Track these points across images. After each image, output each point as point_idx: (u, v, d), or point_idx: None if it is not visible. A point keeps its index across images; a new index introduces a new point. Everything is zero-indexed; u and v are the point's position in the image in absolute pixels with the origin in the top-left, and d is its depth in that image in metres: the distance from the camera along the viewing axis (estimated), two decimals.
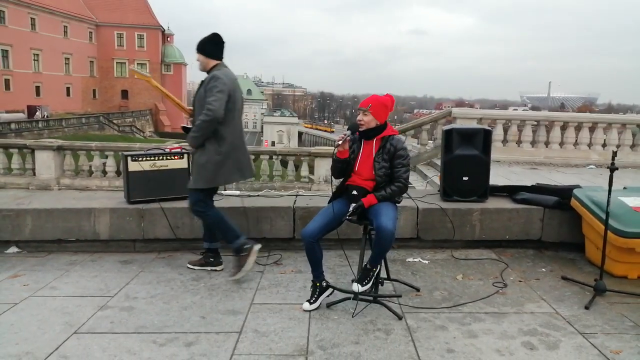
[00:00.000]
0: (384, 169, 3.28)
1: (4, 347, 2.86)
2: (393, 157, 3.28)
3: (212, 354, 2.79)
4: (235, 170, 3.88)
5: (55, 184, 10.43)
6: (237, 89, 3.85)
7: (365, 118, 3.28)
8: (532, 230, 4.53)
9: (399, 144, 3.31)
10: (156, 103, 63.62)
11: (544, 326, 3.12)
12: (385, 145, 3.30)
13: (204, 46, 3.84)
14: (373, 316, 3.24)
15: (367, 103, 3.30)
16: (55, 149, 10.46)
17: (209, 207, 3.96)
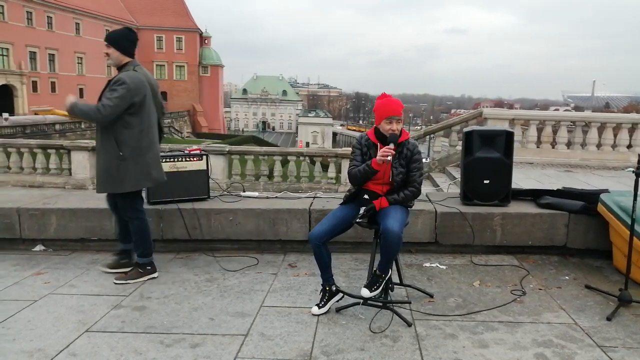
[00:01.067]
0: (402, 174, 3.21)
1: (18, 343, 2.95)
2: (410, 162, 3.21)
3: (216, 356, 2.80)
4: (144, 176, 3.80)
5: (90, 183, 10.75)
6: (147, 91, 3.73)
7: (399, 126, 3.20)
8: (556, 236, 4.36)
9: (415, 148, 3.25)
10: (194, 104, 64.95)
11: (560, 337, 2.98)
12: (403, 150, 3.23)
13: (119, 41, 3.71)
14: (382, 322, 3.17)
15: (399, 110, 3.19)
16: (90, 150, 10.79)
17: (138, 214, 3.91)
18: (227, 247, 4.65)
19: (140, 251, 3.98)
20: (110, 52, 3.69)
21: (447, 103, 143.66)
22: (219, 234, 4.58)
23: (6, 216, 4.68)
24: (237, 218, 4.54)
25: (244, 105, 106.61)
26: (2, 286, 3.85)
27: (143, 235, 3.95)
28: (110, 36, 3.72)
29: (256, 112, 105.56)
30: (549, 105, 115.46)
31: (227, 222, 4.55)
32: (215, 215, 4.56)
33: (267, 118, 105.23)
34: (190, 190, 4.75)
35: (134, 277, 3.91)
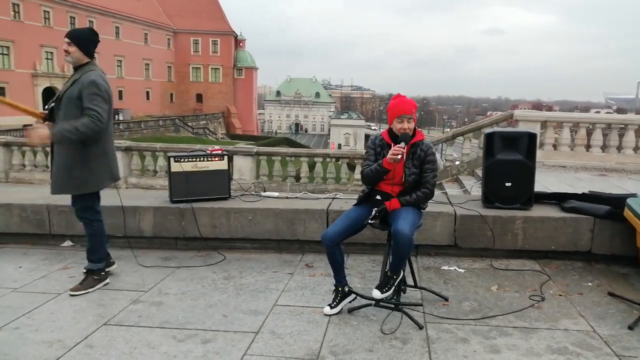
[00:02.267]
0: (414, 175, 3.19)
1: (40, 334, 3.07)
2: (423, 162, 3.19)
3: (225, 352, 2.84)
4: (107, 176, 3.74)
5: (123, 182, 11.05)
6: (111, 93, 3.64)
7: (411, 125, 3.19)
8: (580, 242, 4.23)
9: (429, 149, 3.22)
10: (228, 106, 65.94)
11: (577, 345, 2.90)
12: (416, 150, 3.20)
13: (83, 42, 3.58)
14: (393, 324, 3.15)
15: (411, 109, 3.18)
16: (124, 150, 11.09)
17: (97, 215, 3.82)
18: (246, 246, 4.72)
19: (97, 256, 3.81)
20: (72, 50, 3.55)
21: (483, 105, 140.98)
22: (239, 233, 4.65)
23: (37, 212, 4.88)
24: (256, 217, 4.59)
25: (277, 107, 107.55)
26: (31, 279, 4.02)
27: (101, 238, 3.82)
28: (74, 34, 3.60)
29: (289, 114, 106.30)
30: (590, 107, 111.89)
31: (247, 221, 4.61)
32: (234, 215, 4.62)
33: (299, 120, 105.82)
34: (212, 189, 4.83)
35: (91, 285, 3.74)
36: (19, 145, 11.65)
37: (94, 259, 3.83)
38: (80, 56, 3.60)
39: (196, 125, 56.64)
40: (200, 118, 60.08)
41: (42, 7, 44.69)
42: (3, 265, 4.35)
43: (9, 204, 4.91)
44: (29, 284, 3.90)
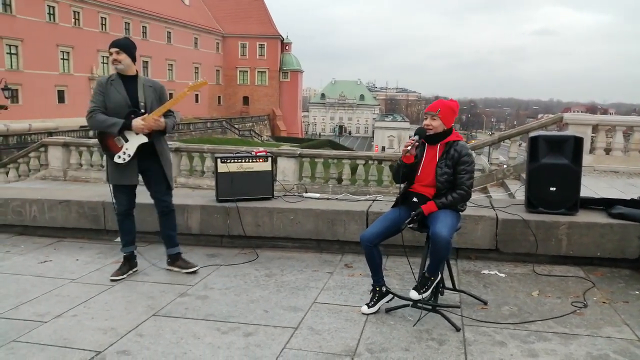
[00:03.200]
0: (447, 175, 3.21)
1: (96, 322, 3.29)
2: (457, 163, 3.21)
3: (266, 345, 2.96)
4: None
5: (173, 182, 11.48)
6: None
7: (433, 123, 3.24)
8: (628, 249, 4.11)
9: (464, 149, 3.23)
10: (274, 109, 66.87)
11: (619, 353, 2.84)
12: (449, 150, 3.24)
13: (131, 50, 3.96)
14: (430, 325, 3.19)
15: (436, 107, 3.25)
16: (173, 150, 11.51)
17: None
18: (288, 245, 4.85)
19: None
20: (122, 58, 3.89)
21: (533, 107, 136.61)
22: (281, 232, 4.78)
23: (93, 209, 5.19)
24: (297, 217, 4.71)
25: (321, 110, 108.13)
26: (87, 271, 4.29)
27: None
28: (122, 43, 3.94)
29: (333, 117, 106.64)
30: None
31: (288, 221, 4.74)
32: (277, 214, 4.76)
33: (344, 122, 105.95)
34: (256, 189, 4.99)
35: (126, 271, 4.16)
36: (77, 145, 12.31)
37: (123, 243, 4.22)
38: (129, 63, 3.93)
39: (242, 127, 57.69)
40: (247, 120, 61.17)
41: (100, 14, 46.87)
42: (62, 258, 4.65)
43: (68, 201, 5.24)
44: (85, 276, 4.17)
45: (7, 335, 3.09)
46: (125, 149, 3.96)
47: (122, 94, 3.92)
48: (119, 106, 3.91)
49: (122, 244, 4.22)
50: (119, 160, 3.96)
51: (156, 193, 4.22)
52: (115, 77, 3.98)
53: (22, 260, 4.60)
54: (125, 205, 4.15)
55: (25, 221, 5.33)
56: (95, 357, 2.83)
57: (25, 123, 35.21)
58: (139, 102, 3.96)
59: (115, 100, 3.91)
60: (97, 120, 3.89)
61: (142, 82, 4.02)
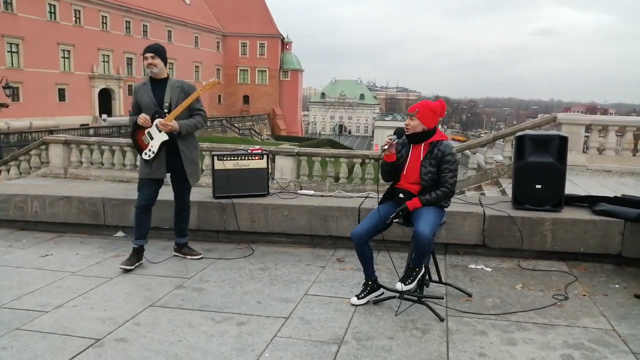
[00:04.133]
0: (431, 173, 3.35)
1: (95, 312, 3.43)
2: (440, 162, 3.34)
3: (258, 333, 3.10)
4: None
5: None
6: None
7: (412, 122, 3.39)
8: (610, 245, 4.25)
9: (447, 149, 3.36)
10: (274, 108, 67.01)
11: (593, 342, 2.98)
12: (433, 150, 3.37)
13: (164, 55, 4.27)
14: (416, 316, 3.33)
15: (415, 108, 3.41)
16: None
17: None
18: (282, 241, 4.99)
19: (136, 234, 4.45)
20: (157, 62, 4.20)
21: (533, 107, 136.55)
22: (275, 228, 4.92)
23: (93, 205, 5.33)
24: (291, 213, 4.85)
25: (321, 109, 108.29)
26: (87, 264, 4.43)
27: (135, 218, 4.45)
28: (156, 49, 4.24)
29: (333, 116, 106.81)
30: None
31: (283, 217, 4.88)
32: (272, 210, 4.90)
33: (344, 121, 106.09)
34: (252, 186, 5.13)
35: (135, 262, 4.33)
36: (77, 143, 12.44)
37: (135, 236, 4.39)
38: (163, 67, 4.26)
39: (242, 126, 57.85)
40: (247, 119, 61.32)
41: (101, 13, 46.98)
42: (63, 252, 4.80)
43: (69, 197, 5.38)
44: (85, 269, 4.31)
45: (11, 323, 3.23)
46: (150, 146, 4.26)
47: (149, 96, 4.24)
48: (147, 107, 4.24)
49: (135, 237, 4.39)
50: (145, 156, 4.29)
51: (177, 190, 4.51)
52: (147, 81, 4.32)
53: (24, 254, 4.75)
54: (147, 200, 4.35)
55: (27, 216, 5.48)
56: (94, 344, 2.97)
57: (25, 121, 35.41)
58: (164, 103, 4.23)
59: (144, 101, 4.26)
60: (131, 122, 4.37)
61: (171, 84, 4.31)
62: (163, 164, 4.28)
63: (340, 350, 2.89)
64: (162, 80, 4.28)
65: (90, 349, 2.91)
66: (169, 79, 4.31)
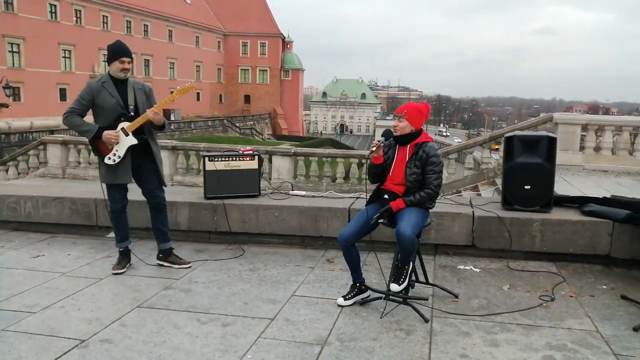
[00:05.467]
0: (415, 175, 3.36)
1: (82, 312, 3.45)
2: (425, 164, 3.35)
3: (242, 334, 3.12)
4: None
5: (169, 180, 11.64)
6: None
7: (400, 124, 3.40)
8: (599, 245, 4.25)
9: (432, 150, 3.37)
10: (275, 107, 67.04)
11: (576, 343, 2.99)
12: (418, 151, 3.38)
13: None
14: (401, 317, 3.34)
15: (402, 110, 3.42)
16: (170, 149, 11.68)
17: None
18: (273, 241, 5.00)
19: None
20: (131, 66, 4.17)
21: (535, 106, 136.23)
22: (266, 229, 4.93)
23: (86, 205, 5.35)
24: (282, 214, 4.87)
25: (323, 108, 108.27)
26: (77, 265, 4.45)
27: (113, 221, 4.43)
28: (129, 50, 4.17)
29: (335, 115, 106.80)
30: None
31: (274, 217, 4.89)
32: (262, 211, 4.92)
33: (345, 121, 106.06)
34: (243, 187, 5.14)
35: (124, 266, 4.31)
36: (75, 143, 12.48)
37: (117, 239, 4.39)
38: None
39: (243, 125, 57.87)
40: (248, 119, 61.34)
41: (101, 13, 47.05)
42: (54, 253, 4.82)
43: (62, 197, 5.40)
44: (76, 270, 4.33)
45: None
46: (115, 151, 4.10)
47: (115, 97, 4.07)
48: (112, 108, 4.06)
49: (117, 240, 4.37)
50: (109, 161, 4.11)
51: (150, 189, 4.35)
52: (107, 79, 4.12)
53: (16, 254, 4.77)
54: (121, 201, 4.32)
55: (20, 217, 5.50)
56: (79, 344, 2.99)
57: (27, 121, 35.44)
58: (129, 105, 4.12)
59: (107, 102, 4.05)
60: (73, 122, 4.07)
61: (132, 85, 4.18)
62: (129, 169, 4.16)
63: (323, 352, 2.90)
64: (123, 81, 4.14)
65: (74, 349, 2.93)
66: (129, 80, 4.17)
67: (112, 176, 4.17)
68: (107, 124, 4.07)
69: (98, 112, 4.11)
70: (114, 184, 4.23)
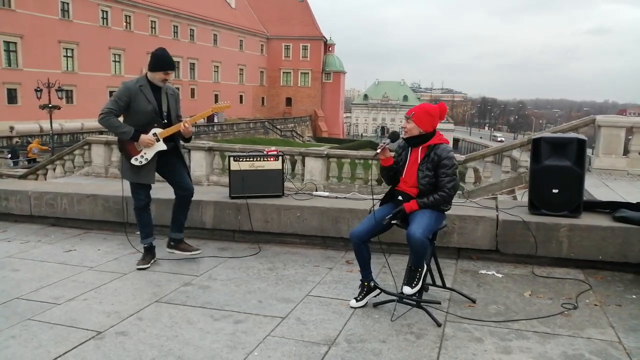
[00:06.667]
0: (428, 177, 3.30)
1: (103, 305, 3.58)
2: (437, 166, 3.29)
3: (252, 332, 3.15)
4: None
5: (205, 180, 11.91)
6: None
7: (407, 125, 3.36)
8: (631, 253, 4.04)
9: (444, 153, 3.30)
10: (315, 110, 67.36)
11: (594, 353, 2.85)
12: (430, 154, 3.33)
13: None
14: (413, 320, 3.29)
15: (411, 111, 3.38)
16: (207, 150, 11.94)
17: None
18: (295, 241, 5.02)
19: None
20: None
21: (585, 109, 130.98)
22: (288, 229, 4.97)
23: (117, 203, 5.53)
24: (303, 215, 4.89)
25: (364, 111, 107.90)
26: (105, 260, 4.62)
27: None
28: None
29: (376, 118, 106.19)
30: None
31: (295, 218, 4.92)
32: (284, 211, 4.95)
33: (386, 123, 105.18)
34: (267, 187, 5.19)
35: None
36: None
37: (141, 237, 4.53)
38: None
39: (284, 128, 58.47)
40: (289, 121, 61.93)
41: (150, 18, 48.70)
42: (85, 248, 5.01)
43: (95, 195, 5.62)
44: (103, 264, 4.49)
45: (24, 314, 3.41)
46: (143, 153, 4.23)
47: (152, 103, 4.20)
48: (147, 113, 4.18)
49: (142, 236, 4.51)
50: (136, 162, 4.24)
51: (183, 182, 4.49)
52: (144, 83, 4.21)
53: (50, 249, 4.99)
54: (145, 199, 4.46)
55: (57, 213, 5.76)
56: (95, 336, 3.10)
57: (78, 122, 37.08)
58: (163, 112, 4.27)
59: (144, 107, 4.15)
60: (111, 123, 4.14)
61: (165, 91, 4.30)
62: (153, 170, 4.28)
63: (330, 352, 2.90)
64: (159, 86, 4.26)
65: (91, 340, 3.04)
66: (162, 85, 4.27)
67: (136, 176, 4.32)
68: (139, 126, 4.18)
69: (131, 114, 4.19)
70: (137, 183, 4.34)
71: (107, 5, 43.89)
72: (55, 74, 34.72)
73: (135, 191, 4.43)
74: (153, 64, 4.23)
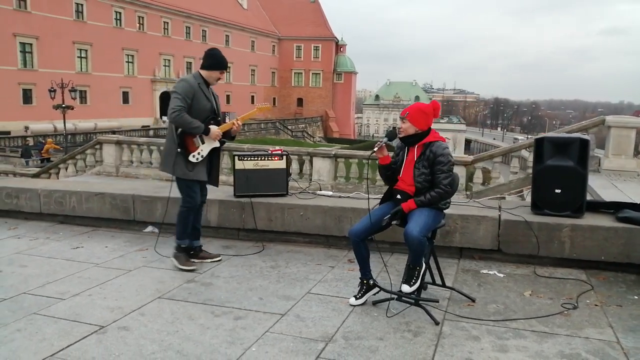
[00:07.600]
0: (424, 175, 3.33)
1: (107, 301, 3.65)
2: (433, 164, 3.31)
3: (251, 328, 3.19)
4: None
5: None
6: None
7: (403, 125, 3.39)
8: (634, 254, 4.02)
9: (439, 149, 3.32)
10: (327, 110, 67.40)
11: (591, 353, 2.85)
12: (426, 151, 3.35)
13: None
14: (412, 318, 3.31)
15: (405, 111, 3.41)
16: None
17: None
18: (299, 240, 5.06)
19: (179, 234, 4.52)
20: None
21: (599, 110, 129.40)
22: (291, 227, 5.01)
23: (125, 201, 5.62)
24: (307, 213, 4.92)
25: (375, 111, 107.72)
26: (111, 257, 4.69)
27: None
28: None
29: (387, 118, 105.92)
30: None
31: (299, 216, 4.96)
32: (288, 210, 4.99)
33: (397, 124, 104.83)
34: (271, 186, 5.24)
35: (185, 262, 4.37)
36: (128, 143, 13.10)
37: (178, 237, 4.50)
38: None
39: (295, 128, 58.60)
40: (300, 121, 62.05)
41: (163, 19, 49.12)
42: (93, 245, 5.10)
43: (103, 193, 5.71)
44: (109, 261, 4.57)
45: (30, 308, 3.49)
46: (200, 150, 4.32)
47: (210, 101, 4.32)
48: (205, 111, 4.26)
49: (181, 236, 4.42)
50: (193, 159, 4.29)
51: (205, 188, 4.59)
52: (202, 81, 4.30)
53: (58, 245, 5.09)
54: (199, 199, 4.49)
55: (66, 211, 5.86)
56: (98, 330, 3.16)
57: (91, 122, 37.57)
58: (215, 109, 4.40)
59: (203, 104, 4.25)
60: (185, 120, 4.14)
61: (212, 90, 4.44)
62: (205, 168, 4.36)
63: (327, 348, 2.93)
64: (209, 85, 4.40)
65: (93, 335, 3.11)
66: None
67: (193, 173, 4.31)
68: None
69: (191, 111, 4.19)
70: (195, 180, 4.36)
71: (120, 7, 44.37)
72: (70, 75, 35.19)
73: (190, 188, 4.37)
74: (210, 63, 4.34)
